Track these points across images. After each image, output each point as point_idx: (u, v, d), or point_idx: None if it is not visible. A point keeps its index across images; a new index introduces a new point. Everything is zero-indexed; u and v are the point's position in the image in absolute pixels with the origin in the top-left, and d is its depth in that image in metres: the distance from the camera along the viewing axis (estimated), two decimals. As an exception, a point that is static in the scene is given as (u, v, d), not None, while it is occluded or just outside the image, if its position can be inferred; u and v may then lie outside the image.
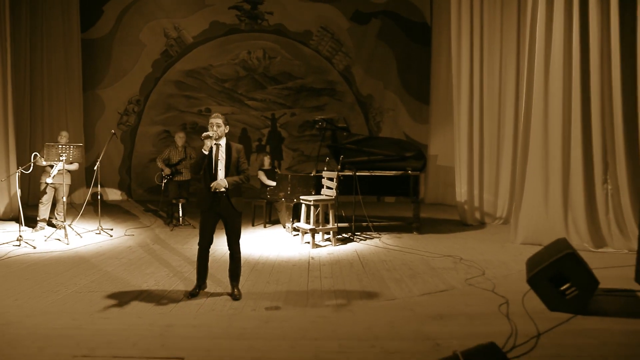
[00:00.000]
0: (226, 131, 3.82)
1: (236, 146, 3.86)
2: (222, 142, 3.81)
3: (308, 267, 4.83)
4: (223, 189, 3.75)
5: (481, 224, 7.49)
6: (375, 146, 7.13)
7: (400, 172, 6.69)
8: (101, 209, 6.77)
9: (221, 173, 3.77)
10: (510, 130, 7.44)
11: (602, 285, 3.52)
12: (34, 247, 5.62)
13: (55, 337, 3.03)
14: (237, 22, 10.61)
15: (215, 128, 3.73)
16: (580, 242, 5.51)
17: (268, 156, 7.79)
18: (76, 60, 9.93)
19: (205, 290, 3.95)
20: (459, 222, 7.58)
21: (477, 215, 7.64)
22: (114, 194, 10.53)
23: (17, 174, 5.98)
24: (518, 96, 7.16)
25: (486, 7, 7.48)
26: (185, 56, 10.60)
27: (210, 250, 3.89)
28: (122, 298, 3.79)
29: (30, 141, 9.10)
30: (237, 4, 10.57)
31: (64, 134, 6.76)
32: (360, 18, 10.66)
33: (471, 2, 7.50)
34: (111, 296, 3.84)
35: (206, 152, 3.71)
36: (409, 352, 2.79)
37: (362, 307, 3.64)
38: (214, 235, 3.88)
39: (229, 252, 3.90)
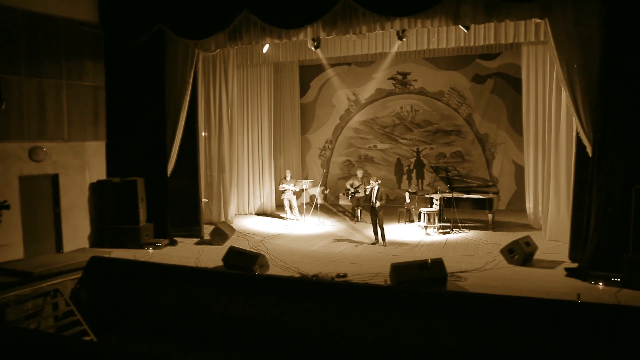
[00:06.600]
0: (378, 182, 9.61)
1: (380, 189, 9.65)
2: (376, 186, 9.64)
3: (419, 243, 10.33)
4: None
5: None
6: (470, 179, 12.13)
7: (483, 195, 11.59)
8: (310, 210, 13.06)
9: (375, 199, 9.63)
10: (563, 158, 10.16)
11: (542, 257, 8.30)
12: (293, 229, 12.05)
13: (326, 255, 9.12)
14: (393, 88, 16.15)
15: (371, 184, 9.57)
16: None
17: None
18: (297, 117, 16.60)
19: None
20: (529, 225, 11.98)
21: (541, 221, 11.96)
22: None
23: (289, 191, 12.68)
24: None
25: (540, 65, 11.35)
26: (359, 112, 16.55)
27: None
28: (348, 245, 9.86)
29: (275, 168, 15.90)
30: (393, 76, 16.10)
31: (288, 171, 13.25)
32: (479, 79, 15.28)
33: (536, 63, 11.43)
34: (342, 247, 9.89)
35: (367, 193, 9.57)
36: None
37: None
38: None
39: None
